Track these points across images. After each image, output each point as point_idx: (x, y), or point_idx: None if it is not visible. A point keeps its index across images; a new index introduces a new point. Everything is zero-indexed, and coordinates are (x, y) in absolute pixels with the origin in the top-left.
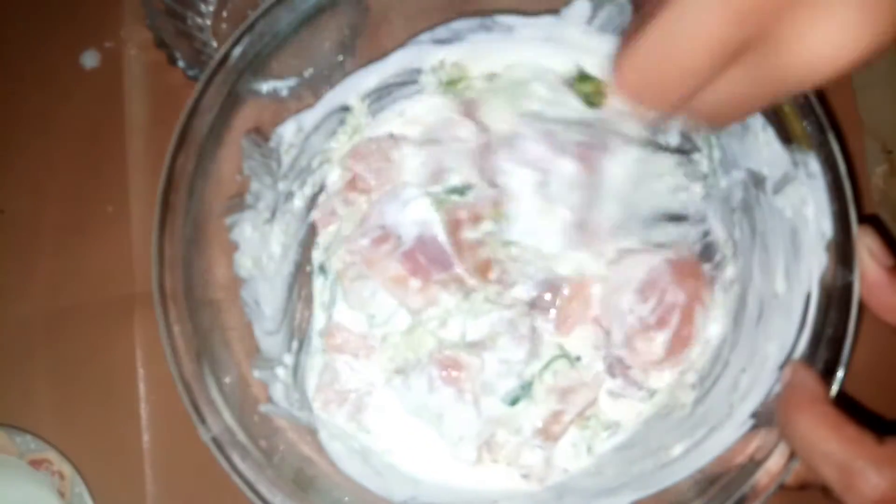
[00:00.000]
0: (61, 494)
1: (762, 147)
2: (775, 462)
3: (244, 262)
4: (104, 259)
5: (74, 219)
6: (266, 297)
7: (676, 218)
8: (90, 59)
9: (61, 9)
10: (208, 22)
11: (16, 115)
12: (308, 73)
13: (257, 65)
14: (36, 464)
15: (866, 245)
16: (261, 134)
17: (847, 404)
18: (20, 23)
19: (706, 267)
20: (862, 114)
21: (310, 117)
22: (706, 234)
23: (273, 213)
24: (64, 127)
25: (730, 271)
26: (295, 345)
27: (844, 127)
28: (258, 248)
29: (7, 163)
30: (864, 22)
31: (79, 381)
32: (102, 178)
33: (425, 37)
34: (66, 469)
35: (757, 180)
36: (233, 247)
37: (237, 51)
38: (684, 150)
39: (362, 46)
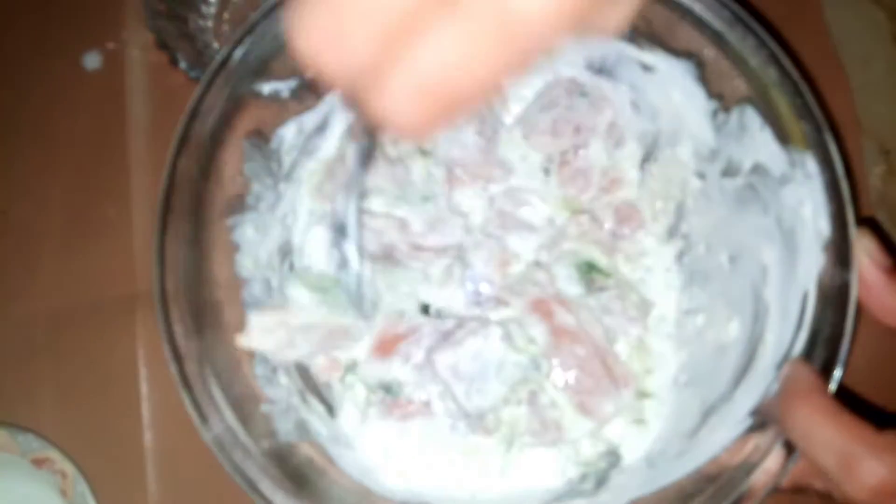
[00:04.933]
0: (63, 493)
1: (759, 148)
2: (772, 463)
3: (245, 263)
4: (106, 259)
5: (76, 219)
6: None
7: None
8: (92, 61)
9: (63, 10)
10: (210, 23)
11: (17, 117)
12: (309, 73)
13: (259, 66)
14: (38, 463)
15: (864, 247)
16: (262, 136)
17: (846, 398)
18: (22, 25)
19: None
20: (860, 114)
21: (311, 119)
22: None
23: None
24: (66, 128)
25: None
26: None
27: (842, 127)
28: (259, 248)
29: (9, 164)
30: None
31: (81, 381)
32: (104, 178)
33: None
34: (69, 468)
35: (760, 177)
36: (234, 247)
37: (238, 52)
38: None
39: None
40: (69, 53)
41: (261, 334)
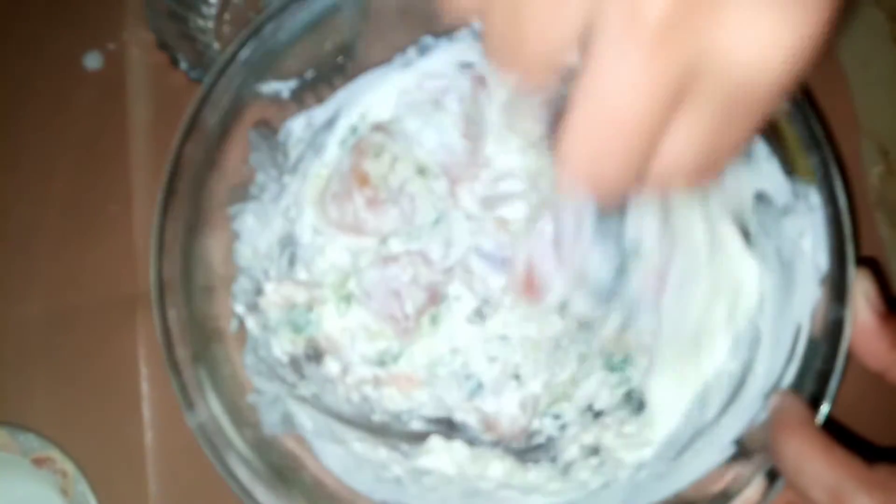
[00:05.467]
0: (64, 493)
1: (765, 176)
2: (753, 492)
3: (244, 252)
4: (106, 259)
5: (77, 219)
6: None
7: None
8: (93, 61)
9: (64, 10)
10: (210, 24)
11: (18, 117)
12: (309, 74)
13: (261, 67)
14: (38, 462)
15: (863, 289)
16: (269, 127)
17: (834, 431)
18: (22, 24)
19: None
20: (859, 114)
21: (320, 113)
22: None
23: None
24: (66, 128)
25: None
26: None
27: (841, 127)
28: (259, 238)
29: (9, 164)
30: (787, 16)
31: (81, 380)
32: (105, 178)
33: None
34: (69, 468)
35: (762, 205)
36: (233, 236)
37: (242, 53)
38: None
39: (364, 48)
40: (69, 53)
41: None
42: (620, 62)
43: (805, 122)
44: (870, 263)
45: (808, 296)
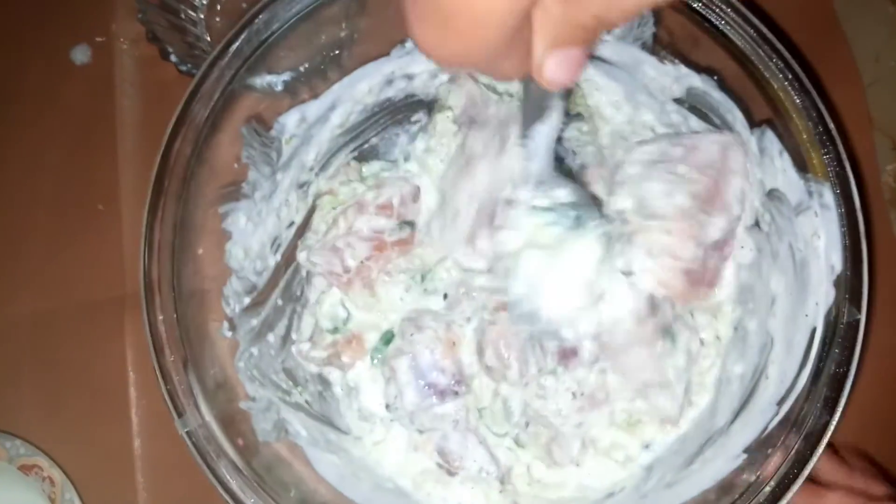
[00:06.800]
0: (51, 500)
1: (777, 173)
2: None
3: (236, 253)
4: (95, 259)
5: (65, 217)
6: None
7: None
8: (81, 54)
9: (52, 3)
10: (202, 16)
11: (5, 111)
12: (304, 67)
13: (254, 59)
14: (26, 469)
15: None
16: (262, 122)
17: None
18: (8, 16)
19: None
20: (872, 111)
21: (314, 108)
22: None
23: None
24: (54, 123)
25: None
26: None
27: (854, 124)
28: (251, 238)
29: None
30: None
31: (69, 386)
32: (93, 175)
33: None
34: (56, 474)
35: (775, 202)
36: (225, 236)
37: (235, 45)
38: None
39: (359, 41)
40: (57, 47)
41: None
42: None
43: (818, 118)
44: (883, 263)
45: (822, 297)
